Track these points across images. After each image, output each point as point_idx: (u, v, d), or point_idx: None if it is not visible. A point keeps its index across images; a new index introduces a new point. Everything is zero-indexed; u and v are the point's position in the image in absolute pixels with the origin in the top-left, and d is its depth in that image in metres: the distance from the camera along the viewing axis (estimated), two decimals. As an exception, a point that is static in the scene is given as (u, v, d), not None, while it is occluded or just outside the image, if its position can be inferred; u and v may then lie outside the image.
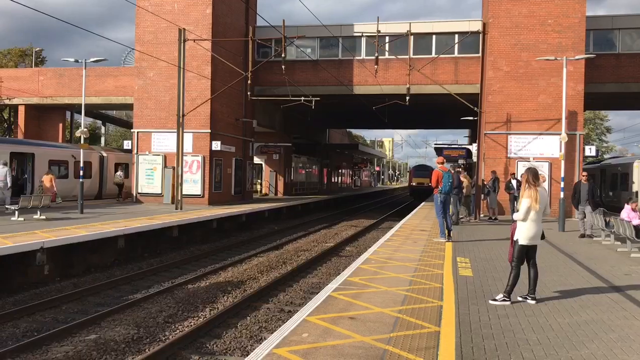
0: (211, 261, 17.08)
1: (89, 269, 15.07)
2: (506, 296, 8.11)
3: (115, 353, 8.44)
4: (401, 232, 17.63)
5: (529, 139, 25.22)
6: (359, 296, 8.28)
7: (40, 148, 26.56)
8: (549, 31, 24.87)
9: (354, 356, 5.61)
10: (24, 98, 34.78)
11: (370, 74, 27.69)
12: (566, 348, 6.07)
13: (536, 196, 7.99)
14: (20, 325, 10.01)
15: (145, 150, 27.55)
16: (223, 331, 9.65)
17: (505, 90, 25.34)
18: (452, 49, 28.29)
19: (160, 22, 25.69)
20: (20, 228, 15.54)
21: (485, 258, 12.46)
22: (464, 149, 38.95)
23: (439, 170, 15.43)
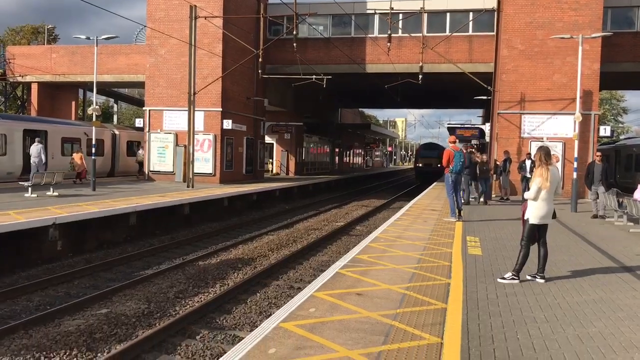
0: (222, 239, 17.19)
1: (101, 245, 15.22)
2: (515, 275, 8.09)
3: (126, 327, 8.55)
4: (411, 212, 17.60)
5: (542, 118, 24.94)
6: (367, 273, 8.30)
7: (53, 125, 26.72)
8: (565, 9, 24.43)
9: (359, 331, 5.63)
10: (36, 76, 34.92)
11: (383, 52, 27.46)
12: (573, 326, 6.06)
13: (547, 175, 7.91)
14: (33, 299, 10.17)
15: (157, 128, 27.63)
16: (233, 307, 9.74)
17: (519, 69, 25.01)
18: (466, 27, 27.94)
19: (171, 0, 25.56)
20: (33, 204, 15.70)
21: (495, 237, 12.42)
22: (477, 128, 38.60)
23: (450, 150, 15.29)
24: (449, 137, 16.96)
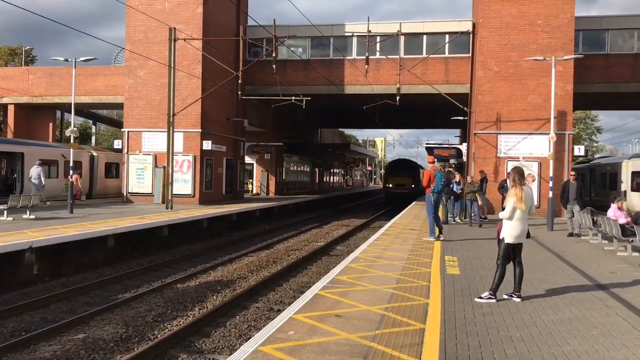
0: (201, 261, 17.09)
1: (79, 268, 15.04)
2: (492, 294, 8.19)
3: (104, 352, 8.45)
4: (391, 231, 17.71)
5: (518, 138, 25.37)
6: (346, 294, 8.34)
7: (30, 147, 26.46)
8: (539, 31, 25.03)
9: (338, 353, 5.66)
10: (13, 97, 34.61)
11: (361, 73, 27.77)
12: (548, 344, 6.16)
13: (521, 195, 8.07)
14: (8, 324, 10.00)
15: (136, 149, 27.50)
16: (212, 330, 9.68)
17: (495, 90, 25.48)
18: (443, 49, 28.42)
19: (150, 22, 25.63)
20: (9, 228, 15.49)
21: (473, 257, 12.56)
22: (455, 148, 39.08)
23: (431, 170, 15.45)
24: (428, 157, 17.14)
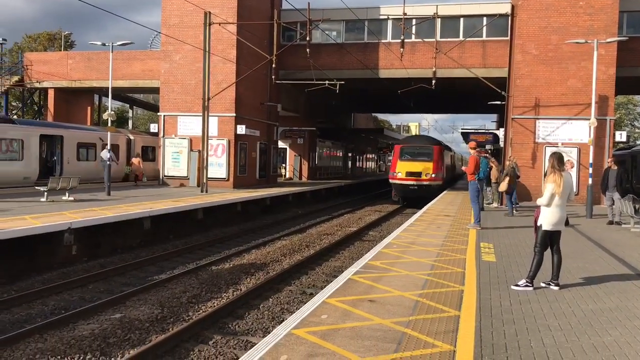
0: (235, 243, 17.24)
1: (115, 249, 15.33)
2: (529, 282, 8.03)
3: (140, 331, 8.60)
4: (425, 217, 17.54)
5: (557, 123, 24.75)
6: (379, 280, 8.28)
7: (69, 131, 27.00)
8: (580, 13, 24.26)
9: (372, 338, 5.62)
10: (53, 81, 35.32)
11: (396, 57, 27.45)
12: (588, 334, 6.00)
13: (560, 181, 7.86)
14: (48, 303, 10.26)
15: (172, 133, 27.81)
16: (245, 312, 9.75)
17: (533, 74, 24.86)
18: (480, 32, 27.86)
19: (186, 6, 25.74)
20: (48, 209, 15.86)
21: (510, 244, 12.34)
22: (491, 134, 38.48)
23: (475, 156, 15.12)
24: (470, 143, 16.66)
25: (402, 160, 29.20)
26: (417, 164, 28.46)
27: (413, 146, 30.33)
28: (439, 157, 29.20)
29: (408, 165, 28.63)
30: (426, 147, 29.83)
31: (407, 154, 29.43)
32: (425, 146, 29.95)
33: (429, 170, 28.17)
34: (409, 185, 28.37)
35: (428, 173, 28.14)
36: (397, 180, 28.76)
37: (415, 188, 28.26)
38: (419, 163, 28.53)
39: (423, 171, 28.19)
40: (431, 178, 28.21)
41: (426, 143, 30.68)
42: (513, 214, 18.57)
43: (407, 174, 28.28)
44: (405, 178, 28.27)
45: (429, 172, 28.13)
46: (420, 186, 28.15)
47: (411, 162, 28.71)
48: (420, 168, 28.29)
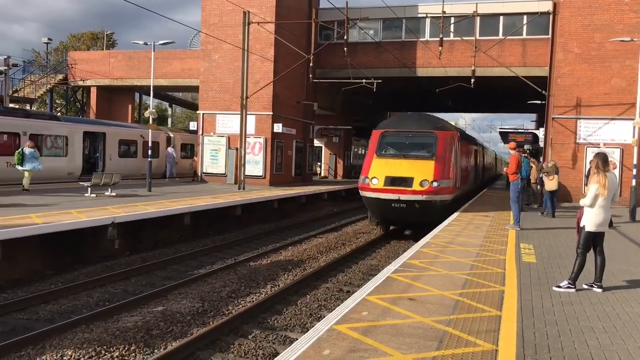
0: (272, 240, 17.41)
1: (157, 244, 15.66)
2: (571, 283, 7.92)
3: (181, 324, 8.79)
4: (463, 217, 17.39)
5: (599, 123, 24.22)
6: (418, 278, 8.29)
7: (111, 128, 27.64)
8: (626, 10, 23.67)
9: (413, 336, 5.65)
10: (95, 80, 36.19)
11: (434, 55, 27.24)
12: (634, 337, 5.90)
13: (605, 182, 7.73)
14: (93, 295, 10.57)
15: (210, 131, 28.20)
16: (283, 308, 9.87)
17: (575, 73, 24.38)
18: (520, 30, 27.44)
19: (225, 5, 26.06)
20: (92, 204, 16.29)
21: (550, 245, 12.16)
22: (530, 133, 37.88)
23: (517, 155, 14.93)
24: (510, 143, 16.34)
25: (380, 156, 17.94)
26: (407, 164, 17.25)
27: (401, 132, 18.62)
28: (447, 150, 18.05)
29: (390, 165, 17.42)
30: (424, 133, 18.31)
31: (390, 145, 18.30)
32: (422, 132, 18.38)
33: (426, 175, 16.78)
34: (390, 202, 16.82)
35: (426, 180, 16.64)
36: (371, 193, 17.16)
37: (402, 207, 16.79)
38: (409, 162, 17.34)
39: (416, 176, 16.74)
40: (431, 189, 16.64)
41: (424, 127, 18.70)
42: (554, 215, 18.21)
43: (389, 181, 16.90)
44: (385, 189, 16.81)
45: (427, 178, 16.67)
46: (411, 204, 16.68)
47: (396, 161, 17.53)
48: (412, 171, 16.93)
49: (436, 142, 17.81)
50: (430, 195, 16.67)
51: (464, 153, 22.22)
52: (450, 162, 18.03)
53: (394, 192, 16.69)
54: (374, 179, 17.14)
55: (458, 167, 19.43)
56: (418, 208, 16.69)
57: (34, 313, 9.36)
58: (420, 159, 17.38)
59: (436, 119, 20.31)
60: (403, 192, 16.57)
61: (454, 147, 18.70)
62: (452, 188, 18.01)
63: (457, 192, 19.38)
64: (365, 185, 17.41)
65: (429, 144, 17.89)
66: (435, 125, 18.96)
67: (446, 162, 17.63)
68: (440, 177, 16.97)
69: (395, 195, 16.67)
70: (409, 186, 16.57)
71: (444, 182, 17.13)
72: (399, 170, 17.05)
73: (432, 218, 16.76)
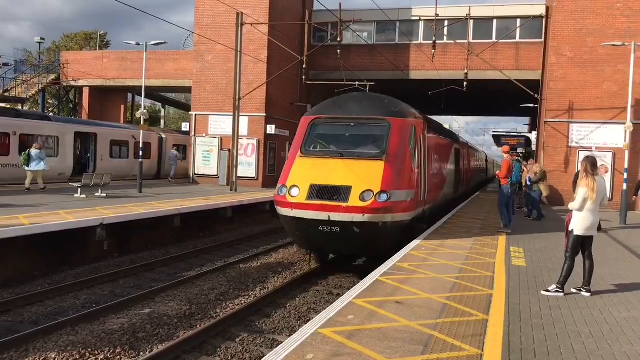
0: (263, 242, 17.35)
1: (146, 245, 15.56)
2: (559, 287, 7.90)
3: (168, 327, 8.72)
4: (454, 220, 17.36)
5: (591, 127, 24.28)
6: (407, 281, 8.24)
7: (102, 128, 27.49)
8: (617, 15, 23.76)
9: (398, 340, 5.60)
10: (88, 80, 36.02)
11: (428, 58, 27.26)
12: (620, 342, 5.88)
13: (593, 186, 7.71)
14: (80, 297, 10.48)
15: (203, 132, 28.12)
16: (272, 311, 9.82)
17: (568, 77, 24.44)
18: (513, 34, 27.51)
19: (218, 6, 25.99)
20: (82, 205, 16.18)
21: (540, 249, 12.15)
22: (523, 137, 38.02)
23: (509, 159, 14.93)
24: (503, 147, 16.35)
25: (306, 154, 12.71)
26: (343, 167, 12.04)
27: (338, 120, 13.25)
28: (405, 146, 12.72)
29: (319, 168, 12.24)
30: (372, 121, 12.99)
31: (321, 139, 13.21)
32: (369, 120, 13.04)
33: (371, 182, 11.69)
34: (317, 224, 11.61)
35: (369, 191, 11.52)
36: (289, 210, 11.90)
37: (334, 231, 11.60)
38: (347, 163, 12.11)
39: (356, 184, 11.62)
40: (377, 205, 11.45)
41: (372, 111, 13.21)
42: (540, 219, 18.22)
43: (314, 192, 11.70)
44: (309, 204, 11.60)
45: (371, 188, 11.57)
46: (348, 227, 11.46)
47: (328, 161, 12.31)
48: (350, 177, 11.79)
49: (389, 133, 12.39)
50: (376, 214, 11.25)
51: (437, 151, 17.07)
52: (411, 163, 12.69)
53: (321, 208, 11.25)
54: (293, 188, 11.79)
55: (424, 171, 13.93)
56: (358, 233, 11.32)
57: (19, 315, 9.27)
58: (363, 158, 12.06)
59: (392, 101, 13.79)
60: (335, 209, 11.16)
61: (419, 142, 13.39)
62: (411, 202, 12.36)
63: (423, 207, 13.77)
64: (282, 198, 11.89)
65: (378, 136, 12.52)
66: (390, 109, 13.09)
67: (404, 163, 12.28)
68: (393, 186, 11.66)
69: (323, 214, 11.22)
70: (344, 200, 11.20)
71: (398, 194, 11.70)
72: (330, 176, 11.71)
73: (380, 247, 11.93)
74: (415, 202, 12.82)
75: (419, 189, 13.25)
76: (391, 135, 12.47)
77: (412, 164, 12.75)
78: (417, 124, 13.75)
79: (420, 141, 13.61)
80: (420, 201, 13.33)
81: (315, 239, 12.08)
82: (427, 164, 14.21)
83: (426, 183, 14.09)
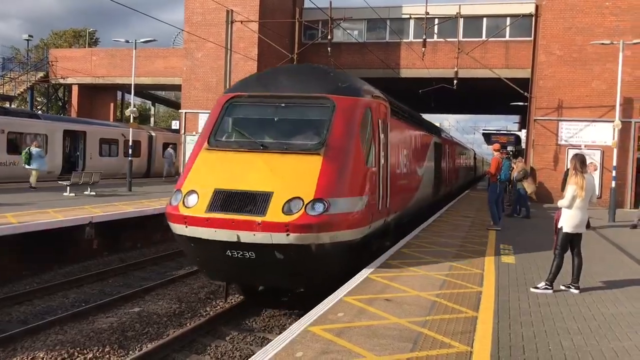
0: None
1: (136, 244, 15.50)
2: (548, 284, 7.94)
3: (157, 326, 8.69)
4: (444, 218, 17.42)
5: (580, 125, 24.43)
6: (397, 279, 8.25)
7: (92, 127, 27.34)
8: (606, 14, 23.90)
9: (387, 337, 5.60)
10: (77, 78, 35.78)
11: (418, 57, 27.30)
12: (608, 338, 5.91)
13: (582, 183, 7.75)
14: (69, 295, 10.43)
15: (193, 130, 28.01)
16: (263, 309, 9.79)
17: (557, 75, 24.56)
18: (503, 32, 27.63)
19: (208, 3, 25.89)
20: (70, 203, 16.08)
21: (529, 246, 12.20)
22: (513, 135, 38.19)
23: (498, 157, 15.00)
24: (494, 145, 16.45)
25: (215, 146, 9.24)
26: (262, 163, 8.68)
27: (264, 99, 9.78)
28: (353, 135, 9.19)
29: (228, 165, 8.84)
30: (309, 100, 9.59)
31: (239, 125, 9.82)
32: (304, 99, 9.61)
33: (300, 187, 8.23)
34: (224, 247, 8.02)
35: (298, 198, 8.05)
36: (182, 227, 8.37)
37: (247, 257, 8.06)
38: (268, 158, 8.76)
39: (279, 189, 8.15)
40: (310, 219, 7.94)
41: (310, 87, 9.72)
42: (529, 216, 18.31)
43: (219, 199, 8.18)
44: (210, 218, 8.03)
45: (300, 195, 8.10)
46: (266, 251, 7.96)
47: (242, 156, 8.94)
48: (271, 178, 8.38)
49: (332, 117, 9.05)
50: (307, 232, 7.91)
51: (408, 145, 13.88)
52: (363, 158, 9.31)
53: (227, 225, 7.88)
54: (191, 195, 8.39)
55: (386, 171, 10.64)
56: (282, 260, 8.03)
57: (7, 314, 9.22)
58: (294, 152, 8.75)
59: (339, 75, 10.59)
60: (248, 225, 7.82)
61: (377, 131, 10.09)
62: (363, 214, 9.02)
63: (385, 218, 10.62)
64: (173, 210, 8.48)
65: (317, 121, 9.29)
66: (335, 85, 9.71)
67: (352, 159, 8.93)
68: (334, 192, 8.33)
69: (230, 233, 7.87)
70: (260, 213, 7.88)
71: (342, 203, 8.40)
72: (245, 177, 8.42)
73: (315, 279, 8.71)
74: (369, 213, 9.28)
75: (377, 194, 9.81)
76: (335, 119, 8.97)
77: (365, 160, 9.27)
78: (375, 106, 10.19)
79: (379, 129, 10.13)
80: (378, 211, 9.88)
81: (222, 268, 8.54)
82: (390, 161, 10.96)
83: (388, 186, 10.65)
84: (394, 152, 11.72)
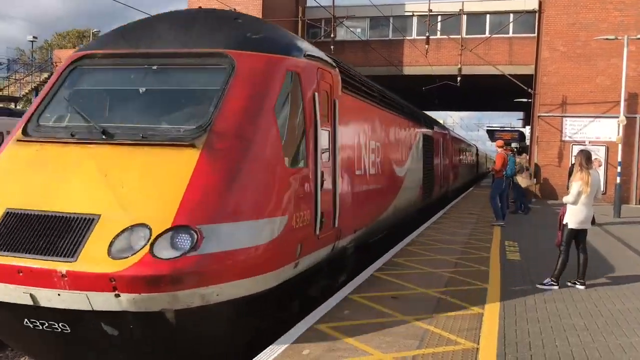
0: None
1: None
2: (554, 280, 7.93)
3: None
4: (449, 215, 17.41)
5: (585, 121, 24.38)
6: (402, 276, 8.26)
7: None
8: (610, 9, 23.84)
9: (394, 334, 5.61)
10: (81, 78, 35.86)
11: (421, 54, 27.30)
12: (615, 334, 5.91)
13: (588, 179, 7.74)
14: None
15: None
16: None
17: (561, 71, 24.52)
18: (507, 29, 27.57)
19: (211, 3, 25.78)
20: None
21: (534, 242, 12.20)
22: (517, 131, 38.16)
23: (503, 153, 15.03)
24: (497, 141, 16.51)
25: (35, 133, 5.93)
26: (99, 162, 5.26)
27: (131, 60, 6.19)
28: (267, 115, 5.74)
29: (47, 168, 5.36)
30: (200, 60, 5.99)
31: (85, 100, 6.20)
32: (193, 58, 6.00)
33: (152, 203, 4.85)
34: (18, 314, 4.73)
35: (141, 225, 4.66)
36: None
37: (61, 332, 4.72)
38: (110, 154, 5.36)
39: (110, 209, 4.80)
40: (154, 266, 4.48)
41: (203, 40, 6.11)
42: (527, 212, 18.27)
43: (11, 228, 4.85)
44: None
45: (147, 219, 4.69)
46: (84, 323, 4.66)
47: (76, 151, 5.47)
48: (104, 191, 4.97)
49: (226, 85, 5.74)
50: (152, 291, 4.53)
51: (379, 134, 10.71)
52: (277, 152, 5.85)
53: (12, 276, 4.60)
54: None
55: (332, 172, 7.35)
56: (116, 337, 4.80)
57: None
58: (152, 144, 5.38)
59: (249, 22, 6.99)
60: (45, 277, 4.54)
61: (311, 109, 6.64)
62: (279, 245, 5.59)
63: (330, 246, 7.39)
64: None
65: (198, 92, 6.07)
66: (239, 35, 6.31)
67: (255, 152, 5.54)
68: (216, 212, 4.98)
69: (18, 291, 4.62)
70: (67, 254, 4.60)
71: (231, 232, 5.01)
72: (59, 187, 5.17)
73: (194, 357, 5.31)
74: (294, 243, 6.00)
75: (314, 209, 6.53)
76: (231, 88, 5.73)
77: (286, 156, 5.95)
78: (309, 72, 6.75)
79: (315, 107, 6.67)
80: (314, 237, 6.60)
81: (29, 344, 5.43)
82: (343, 158, 7.82)
83: (337, 195, 7.36)
84: (352, 146, 8.47)
